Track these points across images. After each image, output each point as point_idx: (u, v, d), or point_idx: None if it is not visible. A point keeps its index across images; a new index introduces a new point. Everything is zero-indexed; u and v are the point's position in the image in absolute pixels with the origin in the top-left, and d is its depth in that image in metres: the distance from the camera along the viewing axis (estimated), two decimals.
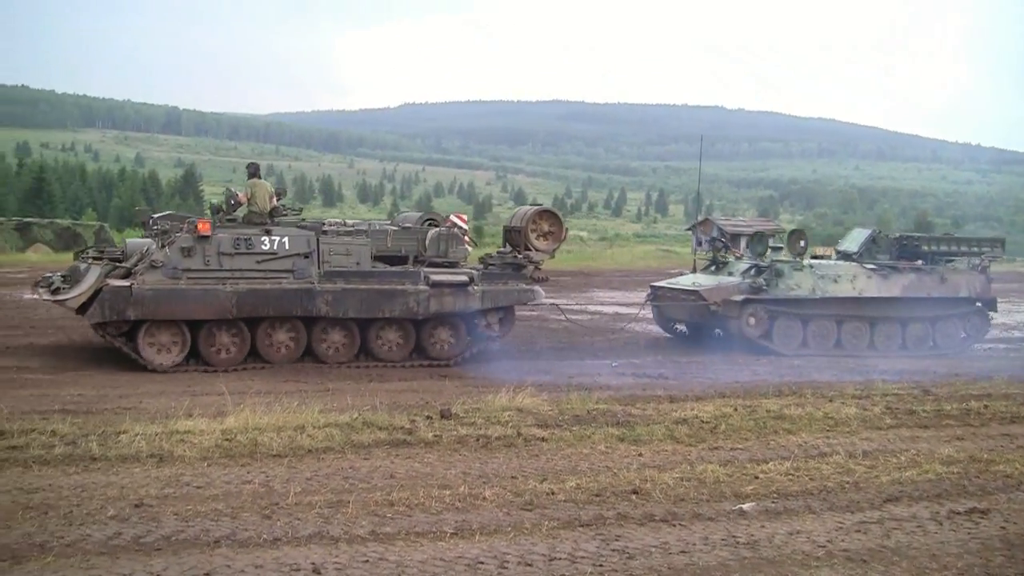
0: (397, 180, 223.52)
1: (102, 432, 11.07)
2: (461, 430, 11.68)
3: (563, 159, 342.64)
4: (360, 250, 18.77)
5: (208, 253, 17.61)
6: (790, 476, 10.13)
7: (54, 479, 9.24)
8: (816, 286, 22.35)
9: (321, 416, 11.97)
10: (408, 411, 12.87)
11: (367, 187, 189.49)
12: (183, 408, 12.79)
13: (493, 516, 8.41)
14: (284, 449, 10.49)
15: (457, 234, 19.93)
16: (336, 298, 18.16)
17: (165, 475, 9.41)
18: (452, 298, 18.92)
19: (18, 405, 13.40)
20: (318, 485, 9.20)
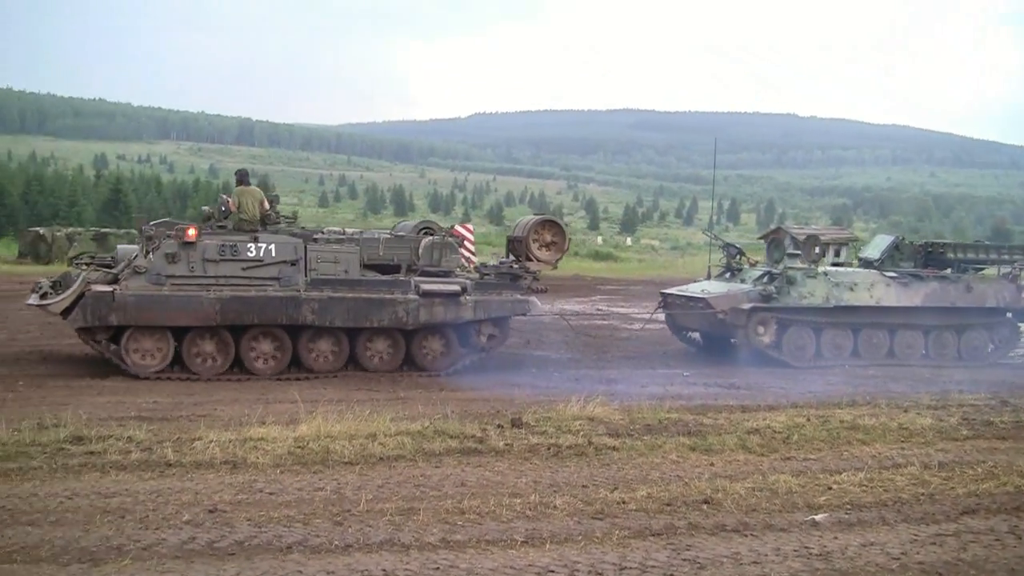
0: (468, 189, 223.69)
1: (177, 439, 11.21)
2: (532, 439, 11.69)
3: (634, 168, 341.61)
4: (348, 258, 18.50)
5: (193, 259, 17.53)
6: (864, 487, 10.03)
7: (131, 484, 9.37)
8: (830, 294, 21.45)
9: (392, 424, 12.03)
10: (479, 420, 12.90)
11: (438, 197, 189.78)
12: (256, 415, 12.91)
13: (564, 525, 8.41)
14: (356, 457, 10.55)
15: (451, 243, 19.56)
16: (322, 306, 17.94)
17: (239, 481, 9.51)
18: (443, 308, 18.60)
19: (96, 412, 13.57)
20: (389, 493, 9.26)
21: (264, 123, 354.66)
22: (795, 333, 21.39)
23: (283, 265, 17.95)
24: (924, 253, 23.69)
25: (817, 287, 21.43)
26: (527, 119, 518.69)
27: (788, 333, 21.33)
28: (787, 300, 21.19)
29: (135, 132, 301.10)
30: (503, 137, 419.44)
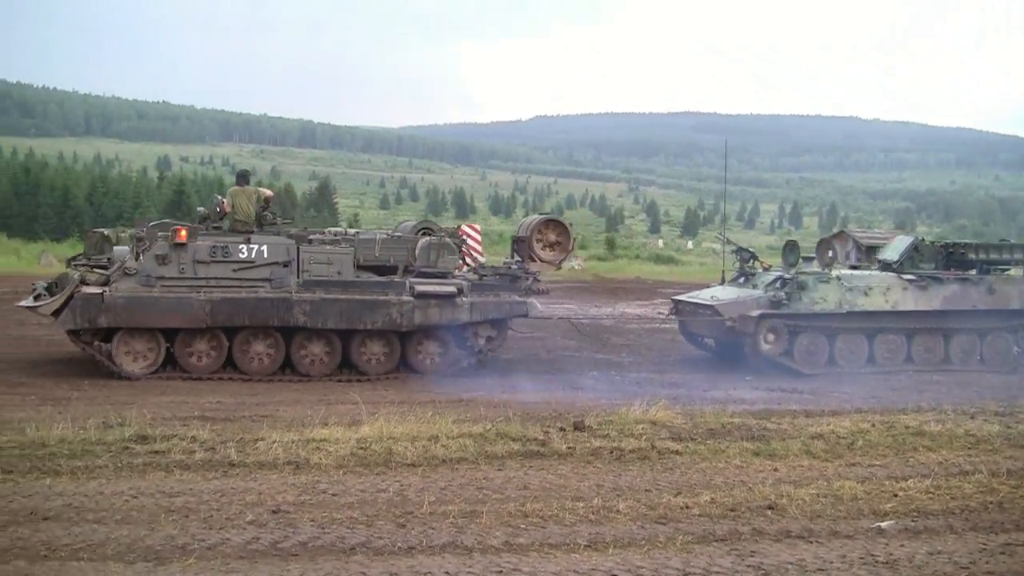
0: (529, 192, 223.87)
1: (240, 439, 11.27)
2: (595, 442, 11.64)
3: (695, 171, 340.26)
4: (342, 259, 18.42)
5: (183, 261, 17.50)
6: (930, 494, 9.89)
7: (195, 484, 9.42)
8: (843, 299, 20.59)
9: (455, 426, 12.02)
10: (541, 422, 12.85)
11: (499, 199, 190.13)
12: (319, 416, 12.96)
13: (627, 529, 8.36)
14: (418, 458, 10.55)
15: (449, 243, 19.14)
16: (314, 308, 17.78)
17: (302, 482, 9.54)
18: (438, 310, 18.33)
19: (160, 411, 13.70)
20: (452, 495, 9.24)
21: (326, 125, 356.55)
22: (807, 340, 20.66)
23: (275, 266, 17.88)
24: (945, 254, 22.70)
25: (830, 292, 20.66)
26: (588, 122, 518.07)
27: (799, 340, 20.61)
28: (798, 306, 20.48)
29: (198, 134, 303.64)
30: (564, 140, 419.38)
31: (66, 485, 9.26)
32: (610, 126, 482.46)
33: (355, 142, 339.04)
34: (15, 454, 10.52)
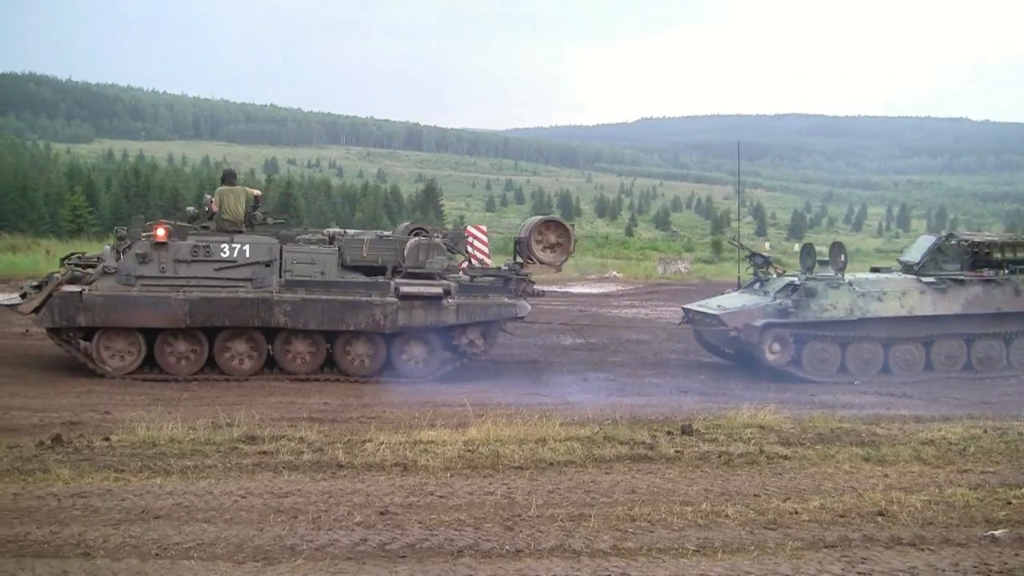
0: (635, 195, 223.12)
1: (348, 440, 11.34)
2: (703, 446, 11.54)
3: (802, 173, 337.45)
4: (326, 259, 18.14)
5: (164, 260, 17.41)
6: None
7: (303, 484, 9.48)
8: (855, 305, 19.58)
9: (562, 429, 11.99)
10: (649, 426, 12.78)
11: (604, 201, 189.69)
12: (426, 418, 12.98)
13: (736, 534, 8.26)
14: (526, 461, 10.53)
15: (439, 244, 18.64)
16: (295, 309, 17.56)
17: (409, 484, 9.55)
18: (423, 311, 17.94)
19: (268, 412, 13.85)
20: (560, 498, 9.20)
21: (432, 128, 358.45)
22: (816, 348, 19.77)
23: (257, 266, 17.72)
24: (971, 254, 21.22)
25: (840, 298, 19.68)
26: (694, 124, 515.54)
27: (808, 348, 19.73)
28: (806, 314, 19.54)
29: (305, 137, 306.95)
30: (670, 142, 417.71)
31: (176, 484, 9.37)
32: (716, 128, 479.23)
33: (461, 144, 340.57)
34: (126, 453, 10.69)
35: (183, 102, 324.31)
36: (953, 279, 20.31)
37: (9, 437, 11.61)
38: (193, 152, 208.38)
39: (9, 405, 14.53)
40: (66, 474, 9.59)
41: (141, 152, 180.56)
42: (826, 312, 19.54)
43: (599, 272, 51.77)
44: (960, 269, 20.90)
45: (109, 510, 8.46)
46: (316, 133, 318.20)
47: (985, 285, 20.29)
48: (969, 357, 20.38)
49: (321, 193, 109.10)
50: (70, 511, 8.42)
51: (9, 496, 8.87)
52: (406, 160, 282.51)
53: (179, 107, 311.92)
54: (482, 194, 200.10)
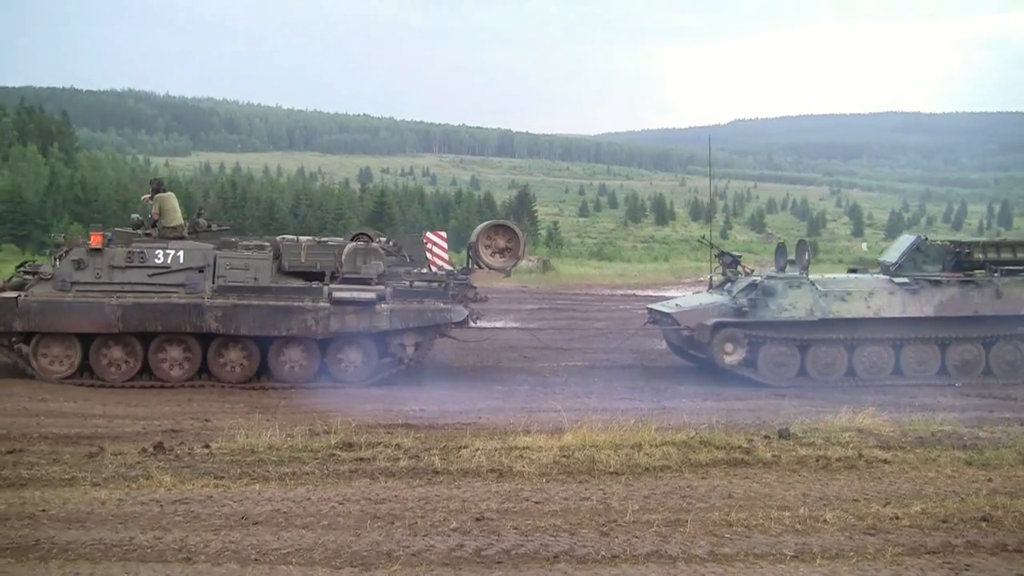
0: (728, 197, 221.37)
1: (444, 447, 11.39)
2: (800, 450, 11.42)
3: (899, 172, 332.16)
4: (259, 264, 18.13)
5: (99, 266, 17.68)
6: None
7: (399, 491, 9.53)
8: (816, 306, 18.87)
9: (658, 434, 11.93)
10: (745, 430, 12.71)
11: (698, 204, 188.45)
12: (521, 424, 12.99)
13: (834, 540, 8.17)
14: (621, 466, 10.49)
15: (376, 249, 18.68)
16: (226, 314, 17.58)
17: (505, 490, 9.57)
18: (356, 317, 17.83)
19: (364, 419, 13.96)
20: (656, 503, 9.16)
21: (524, 134, 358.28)
22: (772, 350, 19.08)
23: (190, 272, 17.81)
24: (953, 254, 20.22)
25: (800, 298, 19.00)
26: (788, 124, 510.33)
27: (764, 350, 19.07)
28: (763, 314, 18.97)
29: (398, 146, 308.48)
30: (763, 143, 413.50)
31: (275, 491, 9.48)
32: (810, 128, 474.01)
33: (553, 150, 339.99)
34: (226, 460, 10.84)
35: (277, 114, 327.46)
36: (929, 280, 19.50)
37: (114, 444, 11.85)
38: (288, 163, 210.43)
39: (114, 413, 14.86)
40: (168, 481, 9.74)
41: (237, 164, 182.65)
42: (785, 312, 19.00)
43: (694, 276, 51.46)
44: (942, 270, 20.02)
45: (210, 516, 8.58)
46: (409, 141, 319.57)
47: (962, 286, 19.44)
48: (943, 362, 19.52)
49: (415, 201, 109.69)
50: (172, 517, 8.56)
51: (114, 502, 9.04)
52: (499, 167, 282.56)
53: (273, 119, 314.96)
54: (575, 199, 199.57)
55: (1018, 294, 19.38)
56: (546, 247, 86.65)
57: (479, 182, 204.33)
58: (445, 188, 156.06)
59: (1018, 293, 19.39)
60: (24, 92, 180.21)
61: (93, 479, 9.99)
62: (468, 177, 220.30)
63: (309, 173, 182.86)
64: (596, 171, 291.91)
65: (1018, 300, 19.36)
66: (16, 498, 9.20)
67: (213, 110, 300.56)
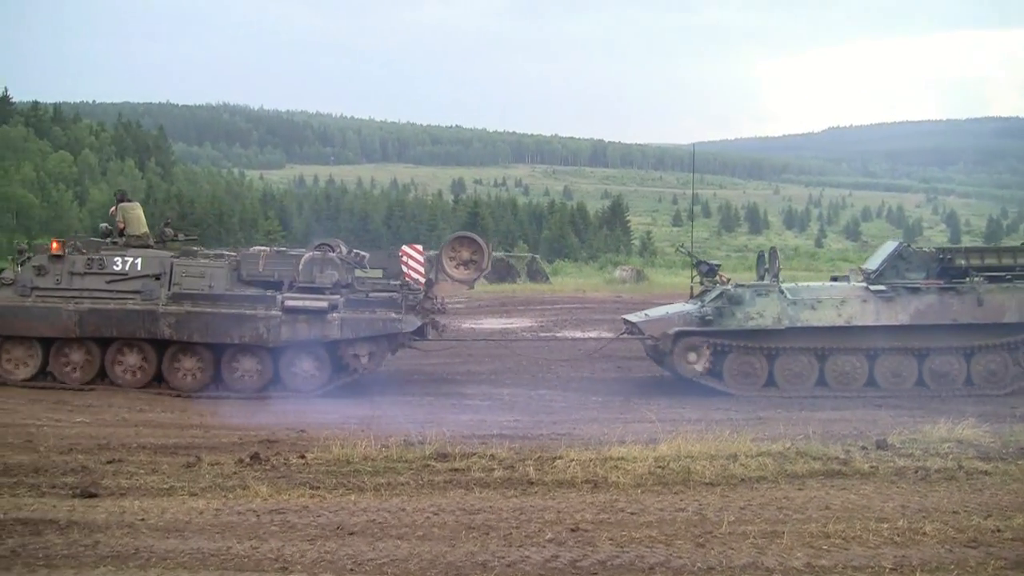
0: (823, 205, 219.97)
1: (538, 457, 11.36)
2: (898, 461, 11.24)
3: (997, 178, 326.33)
4: (215, 273, 18.27)
5: (59, 272, 18.13)
6: None
7: (494, 501, 9.54)
8: (784, 314, 18.35)
9: (753, 445, 11.81)
10: (842, 441, 12.53)
11: (792, 213, 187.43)
12: (615, 435, 12.96)
13: (934, 553, 8.03)
14: (717, 477, 10.41)
15: (333, 259, 18.58)
16: (180, 321, 17.84)
17: (600, 501, 9.53)
18: (307, 326, 17.93)
19: (458, 429, 13.98)
20: (752, 515, 9.07)
21: (616, 144, 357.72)
22: (738, 360, 18.65)
23: (147, 279, 18.09)
24: (937, 261, 19.46)
25: (768, 306, 18.49)
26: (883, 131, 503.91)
27: (730, 359, 18.64)
28: (728, 322, 18.50)
29: (491, 157, 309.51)
30: (858, 150, 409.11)
31: (370, 501, 9.53)
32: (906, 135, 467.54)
33: (646, 159, 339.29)
34: (322, 471, 10.93)
35: (370, 126, 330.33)
36: (907, 287, 18.76)
37: (211, 455, 11.98)
38: (381, 175, 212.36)
39: (211, 424, 15.06)
40: (264, 491, 9.84)
41: (331, 176, 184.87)
42: (751, 321, 18.53)
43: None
44: (926, 278, 19.21)
45: (306, 526, 8.64)
46: (502, 152, 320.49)
47: (941, 294, 18.64)
48: (920, 372, 18.78)
49: (508, 212, 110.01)
50: (268, 527, 8.63)
51: (211, 511, 9.15)
52: (591, 177, 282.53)
53: (366, 131, 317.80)
54: (668, 209, 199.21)
55: (1001, 302, 18.61)
56: (639, 257, 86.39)
57: (572, 192, 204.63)
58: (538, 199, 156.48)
59: (1001, 301, 18.62)
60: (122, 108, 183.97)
61: (191, 489, 10.13)
62: (561, 187, 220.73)
63: (402, 185, 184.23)
64: (689, 180, 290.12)
65: (1000, 308, 18.59)
66: (116, 507, 9.34)
67: (307, 123, 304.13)
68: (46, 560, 7.76)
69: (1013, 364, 18.76)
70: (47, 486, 10.35)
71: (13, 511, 9.15)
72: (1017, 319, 18.50)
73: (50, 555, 7.87)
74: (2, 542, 8.20)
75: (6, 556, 7.86)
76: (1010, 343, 18.64)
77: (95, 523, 8.73)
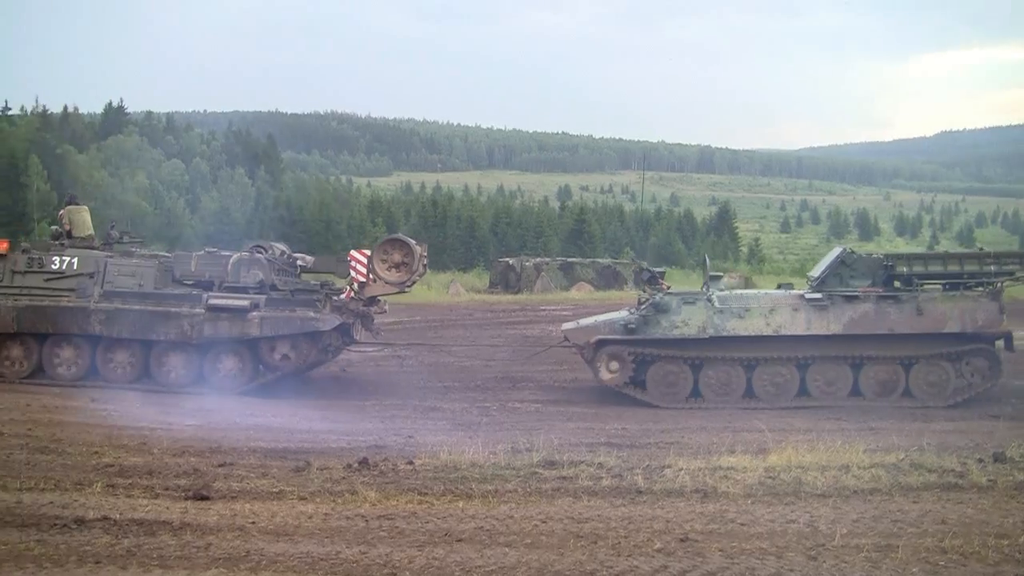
0: (935, 211, 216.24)
1: (646, 466, 11.30)
2: (1017, 475, 10.95)
3: None
4: (145, 272, 19.08)
5: (3, 271, 19.27)
6: None
7: (602, 510, 9.48)
8: (709, 323, 17.85)
9: (866, 456, 11.63)
10: (958, 453, 12.24)
11: (904, 220, 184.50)
12: (725, 444, 12.84)
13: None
14: (829, 489, 10.24)
15: (259, 259, 19.24)
16: (109, 317, 18.59)
17: (709, 511, 9.43)
18: (228, 323, 18.46)
19: (566, 437, 13.92)
20: (865, 527, 8.90)
21: (723, 150, 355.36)
22: (662, 369, 18.19)
23: (81, 277, 18.89)
24: (883, 267, 18.67)
25: (694, 315, 18.02)
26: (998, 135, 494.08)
27: (653, 369, 18.19)
28: (653, 331, 18.09)
29: (597, 163, 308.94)
30: (972, 155, 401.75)
31: (478, 508, 9.53)
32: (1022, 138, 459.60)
33: (754, 165, 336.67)
34: (429, 477, 10.96)
35: (477, 133, 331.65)
36: (844, 296, 18.08)
37: (319, 459, 12.11)
38: (487, 182, 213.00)
39: (319, 429, 15.18)
40: (373, 496, 9.89)
41: (437, 183, 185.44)
42: (676, 329, 18.09)
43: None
44: (872, 285, 18.45)
45: (414, 532, 8.66)
46: (608, 159, 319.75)
47: (879, 303, 17.97)
48: (856, 383, 18.11)
49: (615, 219, 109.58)
50: (377, 532, 8.67)
51: (320, 516, 9.21)
52: (698, 183, 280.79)
53: (473, 138, 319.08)
54: (776, 215, 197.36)
55: (943, 311, 17.89)
56: (747, 264, 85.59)
57: (679, 199, 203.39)
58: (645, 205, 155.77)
59: (943, 310, 17.90)
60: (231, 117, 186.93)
61: (300, 493, 10.23)
62: (667, 194, 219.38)
63: (509, 192, 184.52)
64: (798, 186, 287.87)
65: (941, 317, 17.86)
66: (227, 510, 9.46)
67: (414, 130, 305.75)
68: (160, 560, 7.88)
69: (956, 376, 18.09)
70: (160, 488, 10.53)
71: (129, 511, 9.32)
72: (959, 328, 17.87)
73: (164, 555, 7.99)
74: (118, 541, 8.35)
75: (122, 555, 8.00)
76: (951, 353, 18.04)
77: (207, 525, 8.85)
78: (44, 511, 9.38)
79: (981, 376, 18.08)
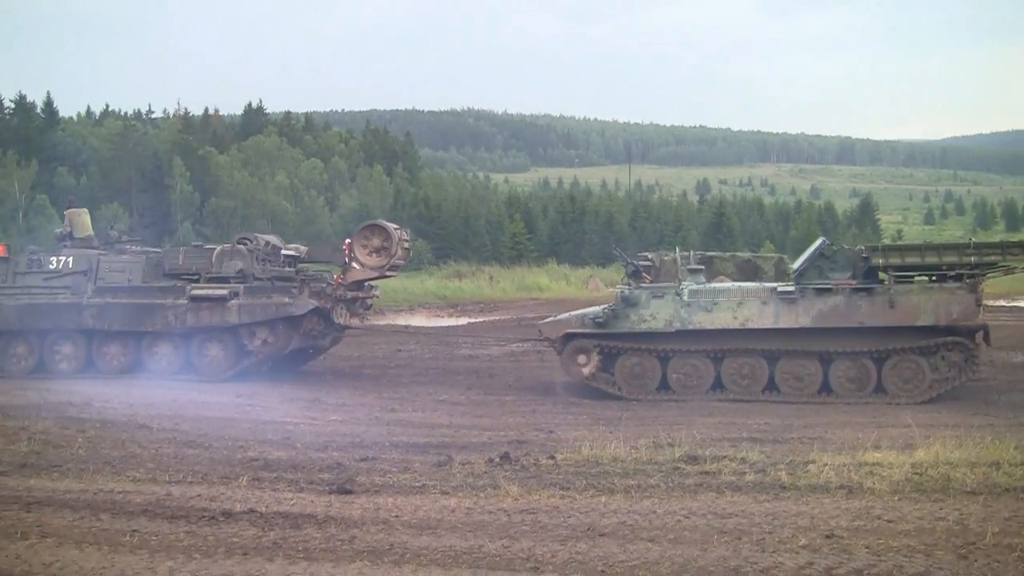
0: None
1: (790, 461, 11.20)
2: None
3: None
4: (134, 267, 20.44)
5: (6, 272, 20.69)
6: None
7: (746, 505, 9.38)
8: (676, 316, 17.95)
9: (1017, 452, 11.32)
10: None
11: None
12: (870, 439, 12.62)
13: None
14: (978, 486, 9.98)
15: (240, 250, 20.33)
16: (100, 311, 19.92)
17: (855, 507, 9.27)
18: (209, 312, 19.56)
19: (708, 432, 13.88)
20: (1018, 526, 8.65)
21: (865, 141, 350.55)
22: (629, 362, 18.43)
23: (76, 275, 19.82)
24: (863, 260, 18.36)
25: (662, 308, 18.13)
26: None
27: (620, 362, 18.46)
28: (621, 325, 18.27)
29: (736, 156, 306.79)
30: None
31: (620, 503, 9.50)
32: None
33: (896, 156, 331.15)
34: (571, 472, 10.96)
35: (614, 128, 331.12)
36: (815, 288, 17.88)
37: (461, 454, 12.22)
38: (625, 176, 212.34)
39: (461, 424, 15.33)
40: (515, 491, 9.91)
41: (575, 178, 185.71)
42: (644, 323, 18.27)
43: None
44: (851, 277, 18.12)
45: (556, 526, 8.66)
46: (746, 152, 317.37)
47: (850, 296, 17.73)
48: (826, 377, 17.94)
49: (754, 212, 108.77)
50: (520, 526, 8.68)
51: (463, 510, 9.27)
52: (839, 175, 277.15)
53: (610, 133, 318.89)
54: (920, 207, 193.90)
55: (916, 304, 17.62)
56: None
57: (819, 191, 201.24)
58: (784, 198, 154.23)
59: (916, 303, 17.63)
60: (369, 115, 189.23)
61: (442, 487, 10.30)
62: (807, 186, 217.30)
63: (647, 186, 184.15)
64: (942, 177, 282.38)
65: (915, 310, 17.59)
66: (371, 504, 9.56)
67: (551, 126, 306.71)
68: (305, 553, 7.99)
69: (931, 370, 17.75)
70: (305, 482, 10.71)
71: (274, 505, 9.48)
72: (932, 322, 17.57)
73: (309, 548, 8.10)
74: (265, 534, 8.49)
75: (269, 547, 8.13)
76: (924, 347, 17.71)
77: (351, 519, 8.96)
78: (192, 503, 9.60)
79: (958, 370, 17.77)
